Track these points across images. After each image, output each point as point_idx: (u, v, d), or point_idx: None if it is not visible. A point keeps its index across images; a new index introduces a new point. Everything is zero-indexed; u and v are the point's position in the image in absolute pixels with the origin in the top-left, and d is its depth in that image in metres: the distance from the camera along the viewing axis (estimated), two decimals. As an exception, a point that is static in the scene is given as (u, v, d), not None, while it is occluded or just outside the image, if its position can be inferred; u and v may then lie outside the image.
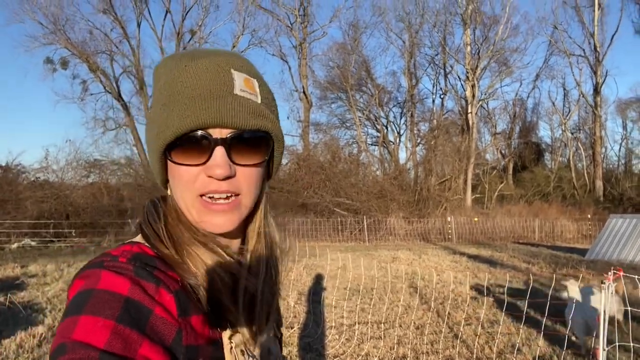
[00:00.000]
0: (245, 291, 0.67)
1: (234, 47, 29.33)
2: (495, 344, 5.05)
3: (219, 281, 0.64)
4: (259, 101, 0.66)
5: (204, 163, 0.62)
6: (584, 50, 31.15)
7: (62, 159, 31.43)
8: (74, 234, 15.41)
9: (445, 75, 31.79)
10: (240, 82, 0.64)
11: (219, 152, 0.61)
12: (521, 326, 5.53)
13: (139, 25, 26.67)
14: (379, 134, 32.25)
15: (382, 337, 5.29)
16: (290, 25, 29.85)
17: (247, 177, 0.65)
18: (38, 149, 62.83)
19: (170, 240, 0.65)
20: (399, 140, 33.01)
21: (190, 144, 0.61)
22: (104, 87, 26.07)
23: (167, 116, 0.62)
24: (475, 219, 19.90)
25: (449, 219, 19.26)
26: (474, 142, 28.71)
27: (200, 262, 0.64)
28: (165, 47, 28.08)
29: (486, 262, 11.89)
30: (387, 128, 32.72)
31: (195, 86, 0.61)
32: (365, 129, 33.00)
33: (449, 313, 6.26)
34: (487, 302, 6.87)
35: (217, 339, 0.63)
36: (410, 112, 31.44)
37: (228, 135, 0.62)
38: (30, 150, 66.30)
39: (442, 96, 32.38)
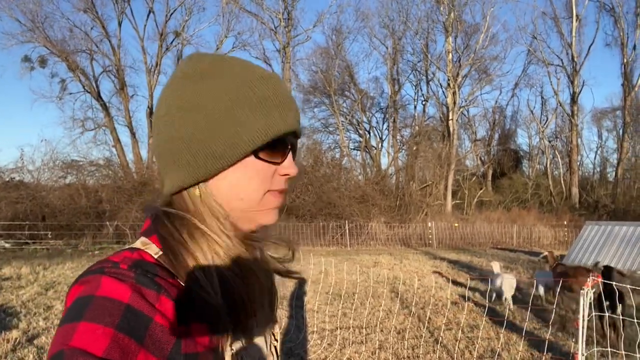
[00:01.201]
0: (249, 297, 0.66)
1: (217, 49, 29.15)
2: (475, 349, 5.10)
3: (222, 289, 0.62)
4: None
5: (280, 163, 0.67)
6: (561, 60, 31.95)
7: (38, 159, 30.83)
8: (49, 236, 15.04)
9: (427, 82, 32.22)
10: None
11: (290, 155, 0.69)
12: (501, 331, 5.61)
13: (120, 24, 26.29)
14: (361, 139, 32.46)
15: (364, 342, 5.30)
16: (274, 28, 29.84)
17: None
18: (12, 149, 61.27)
19: (172, 247, 0.63)
20: (381, 145, 33.29)
21: (278, 145, 0.67)
22: (83, 87, 25.58)
23: (264, 115, 0.64)
24: (456, 225, 20.13)
25: (429, 224, 19.44)
26: (455, 149, 29.10)
27: (203, 270, 0.62)
28: (147, 47, 27.78)
29: (466, 267, 12.03)
30: (369, 133, 32.98)
31: (280, 94, 0.67)
32: (348, 133, 33.19)
33: (429, 318, 6.31)
34: (467, 307, 6.95)
35: (217, 347, 0.62)
36: (392, 118, 31.73)
37: (294, 139, 0.70)
38: (5, 150, 64.61)
39: (423, 102, 32.80)
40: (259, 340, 0.70)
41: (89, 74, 25.55)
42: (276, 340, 0.77)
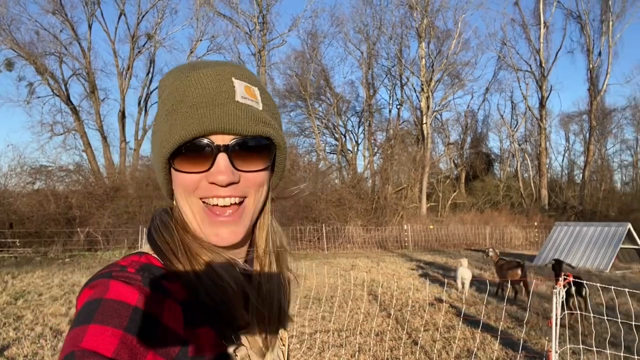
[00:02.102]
0: (256, 302, 0.67)
1: (191, 52, 28.85)
2: (452, 349, 5.18)
3: (229, 292, 0.64)
4: (260, 108, 0.66)
5: (207, 170, 0.62)
6: (530, 65, 32.89)
7: (5, 164, 29.81)
8: (18, 244, 14.54)
9: (402, 87, 32.63)
10: (242, 90, 0.64)
11: (222, 158, 0.62)
12: (476, 331, 5.72)
13: (90, 26, 25.72)
14: (337, 143, 32.60)
15: (343, 345, 5.32)
16: (249, 32, 29.72)
17: (252, 182, 0.66)
18: (-23, 154, 59.02)
19: (181, 251, 0.65)
20: (357, 149, 33.52)
21: (193, 151, 0.62)
22: (52, 90, 24.87)
23: (170, 125, 0.62)
24: (431, 227, 20.42)
25: (405, 227, 19.67)
26: (429, 152, 29.53)
27: (208, 272, 0.64)
28: (119, 49, 27.26)
29: (441, 268, 12.21)
30: (345, 137, 33.16)
31: (198, 94, 0.62)
32: (324, 137, 33.29)
33: (407, 319, 6.38)
34: (443, 308, 7.06)
35: (223, 352, 0.63)
36: (368, 122, 31.99)
37: (230, 142, 0.62)
38: (-32, 155, 62.11)
39: (398, 107, 33.20)
40: (264, 346, 0.70)
41: (58, 77, 24.90)
42: (283, 345, 0.77)
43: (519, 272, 8.01)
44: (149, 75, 28.14)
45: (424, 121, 29.43)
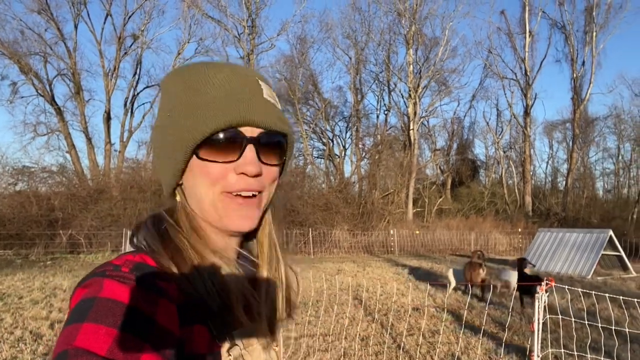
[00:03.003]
0: (256, 302, 0.68)
1: (179, 54, 28.72)
2: (436, 354, 5.21)
3: (229, 292, 0.64)
4: (280, 108, 0.70)
5: (235, 160, 0.64)
6: (515, 74, 33.40)
7: (-14, 165, 29.17)
8: (-2, 246, 14.27)
9: (389, 92, 32.86)
10: (267, 89, 0.68)
11: (250, 150, 0.64)
12: (460, 335, 5.76)
13: (76, 26, 25.42)
14: (324, 147, 32.65)
15: (329, 350, 5.31)
16: (237, 35, 29.67)
17: (270, 176, 0.68)
18: (-43, 154, 57.80)
19: (178, 250, 0.65)
20: (344, 154, 33.60)
21: (223, 141, 0.63)
22: (36, 90, 24.50)
23: (198, 115, 0.63)
24: (417, 232, 20.54)
25: (391, 232, 19.75)
26: (415, 158, 29.76)
27: (209, 272, 0.65)
28: (105, 50, 26.98)
29: (427, 273, 12.28)
30: (332, 142, 33.23)
31: (228, 87, 0.64)
32: (312, 142, 33.31)
33: (392, 324, 6.39)
34: (427, 313, 7.09)
35: (217, 352, 0.63)
36: (355, 127, 32.13)
37: (258, 135, 0.65)
38: (-52, 155, 60.76)
39: (385, 112, 33.40)
40: (258, 346, 0.70)
41: (42, 77, 24.56)
42: (277, 346, 0.77)
43: (481, 272, 8.38)
44: (136, 76, 27.95)
45: (411, 127, 29.65)
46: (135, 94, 28.08)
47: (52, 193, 17.40)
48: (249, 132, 0.64)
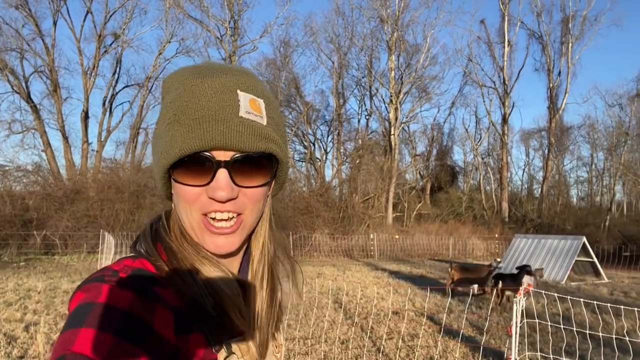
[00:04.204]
0: (247, 310, 0.68)
1: (160, 54, 28.40)
2: (415, 357, 5.26)
3: (223, 299, 0.64)
4: (265, 123, 0.65)
5: (207, 184, 0.62)
6: (494, 82, 34.04)
7: (-44, 162, 28.29)
8: (-32, 246, 13.83)
9: (371, 97, 33.15)
10: (246, 104, 0.63)
11: (222, 174, 0.61)
12: (439, 339, 5.83)
13: (55, 23, 24.90)
14: (306, 151, 32.67)
15: (309, 353, 5.31)
16: (220, 37, 29.51)
17: (250, 198, 0.65)
18: None
19: (176, 257, 0.65)
20: (326, 157, 33.70)
21: (193, 164, 0.61)
22: (12, 87, 23.88)
23: (172, 135, 0.62)
24: (396, 236, 20.71)
25: (371, 236, 19.86)
26: (396, 163, 30.02)
27: (203, 279, 0.65)
28: (84, 48, 26.51)
29: (406, 277, 12.39)
30: (314, 145, 33.31)
31: (201, 107, 0.61)
32: (293, 145, 33.28)
33: (372, 327, 6.43)
34: (407, 316, 7.16)
35: (213, 359, 0.64)
36: (337, 131, 32.26)
37: (231, 158, 0.62)
38: None
39: (367, 117, 33.67)
40: (255, 355, 0.70)
41: (18, 74, 23.95)
42: (278, 352, 0.78)
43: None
44: (115, 75, 27.53)
45: (392, 132, 29.93)
46: (115, 93, 27.68)
47: (27, 192, 16.97)
48: (222, 155, 0.61)
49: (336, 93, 32.37)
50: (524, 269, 8.51)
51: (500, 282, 8.38)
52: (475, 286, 9.06)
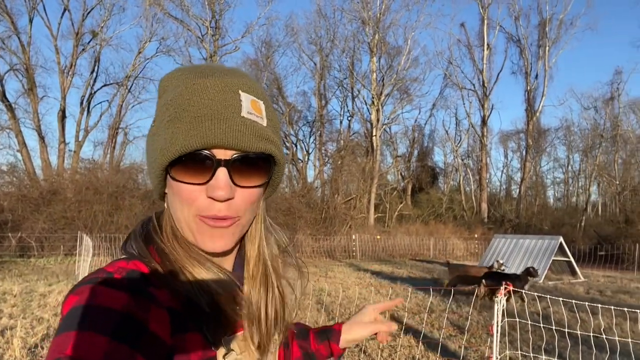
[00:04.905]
0: (244, 308, 0.68)
1: (139, 53, 28.01)
2: (397, 357, 5.30)
3: (218, 298, 0.64)
4: (265, 124, 0.65)
5: (205, 183, 0.61)
6: (473, 84, 34.61)
7: None
8: (-61, 249, 13.40)
9: (353, 99, 33.29)
10: (248, 105, 0.63)
11: (222, 173, 0.61)
12: (420, 338, 5.89)
13: (31, 20, 24.34)
14: (288, 152, 32.61)
15: (292, 355, 5.30)
16: (201, 36, 29.27)
17: (246, 198, 0.64)
18: None
19: (169, 257, 0.65)
20: (308, 158, 33.70)
21: (193, 162, 0.61)
22: (-15, 85, 23.28)
23: (172, 133, 0.61)
24: (378, 237, 20.83)
25: (353, 236, 19.93)
26: (378, 164, 30.22)
27: (197, 279, 0.64)
28: (61, 46, 25.98)
29: (388, 278, 12.46)
30: (296, 146, 33.27)
31: (203, 105, 0.61)
32: (275, 146, 33.17)
33: (355, 328, 6.44)
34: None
35: (211, 357, 0.63)
36: (319, 132, 32.31)
37: (231, 157, 0.61)
38: None
39: (349, 118, 33.80)
40: (254, 353, 0.70)
41: (-8, 72, 23.33)
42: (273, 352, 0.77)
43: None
44: (93, 74, 27.05)
45: (374, 133, 30.12)
46: (93, 92, 27.18)
47: (2, 194, 16.54)
48: (222, 154, 0.61)
49: (318, 94, 32.45)
50: (528, 270, 8.67)
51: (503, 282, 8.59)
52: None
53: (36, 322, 6.06)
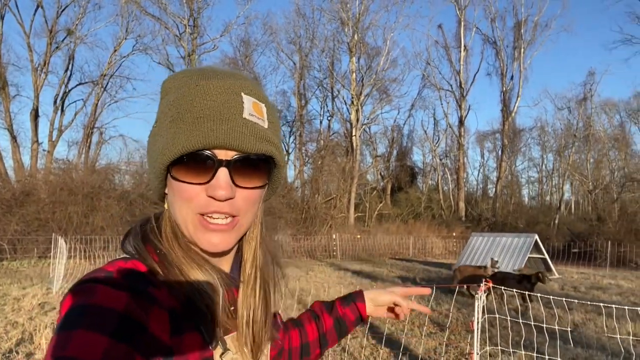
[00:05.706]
0: (240, 309, 0.69)
1: (115, 51, 27.51)
2: (380, 355, 5.34)
3: (215, 298, 0.65)
4: (266, 126, 0.66)
5: (206, 182, 0.62)
6: (451, 85, 35.11)
7: None
8: None
9: (333, 99, 33.38)
10: (249, 107, 0.64)
11: (223, 173, 0.62)
12: (402, 336, 5.95)
13: (2, 17, 23.67)
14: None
15: (274, 355, 5.29)
16: (178, 34, 28.89)
17: (247, 199, 0.65)
18: None
19: (168, 257, 0.65)
20: (287, 158, 33.60)
21: (194, 162, 0.61)
22: (-46, 83, 22.55)
23: (174, 133, 0.62)
24: (358, 236, 20.94)
25: (334, 236, 19.99)
26: (357, 164, 30.37)
27: (195, 279, 0.65)
28: (34, 43, 25.29)
29: (368, 277, 12.54)
30: (275, 146, 33.11)
31: (205, 106, 0.61)
32: (254, 145, 33.01)
33: (337, 327, 6.46)
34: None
35: (209, 357, 0.64)
36: (299, 132, 32.30)
37: (233, 158, 0.62)
38: None
39: (329, 118, 33.89)
40: (249, 353, 0.71)
41: (-39, 70, 22.60)
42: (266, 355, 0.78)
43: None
44: (68, 72, 26.48)
45: (354, 133, 30.26)
46: (67, 90, 26.60)
47: (-29, 195, 16.01)
48: (223, 154, 0.62)
49: (298, 94, 32.42)
50: (537, 275, 8.72)
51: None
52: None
53: (10, 327, 5.90)
